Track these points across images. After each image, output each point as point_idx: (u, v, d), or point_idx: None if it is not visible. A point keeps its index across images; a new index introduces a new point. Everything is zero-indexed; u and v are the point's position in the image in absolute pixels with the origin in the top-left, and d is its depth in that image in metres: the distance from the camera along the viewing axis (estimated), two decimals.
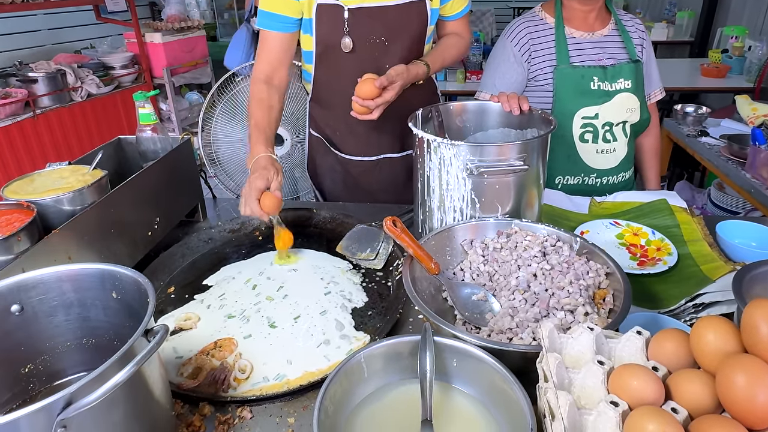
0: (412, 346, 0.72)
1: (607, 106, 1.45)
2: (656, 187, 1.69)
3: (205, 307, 0.98)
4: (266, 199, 1.04)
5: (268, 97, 1.24)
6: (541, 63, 1.47)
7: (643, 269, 1.04)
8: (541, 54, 1.47)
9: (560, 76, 1.44)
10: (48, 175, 0.99)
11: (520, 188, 1.05)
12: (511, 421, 0.63)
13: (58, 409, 0.46)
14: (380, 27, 1.26)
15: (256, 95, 1.25)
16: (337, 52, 1.28)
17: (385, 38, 1.27)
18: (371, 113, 1.18)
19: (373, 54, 1.28)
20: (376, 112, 1.18)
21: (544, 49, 1.47)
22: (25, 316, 0.64)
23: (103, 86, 3.55)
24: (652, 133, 1.64)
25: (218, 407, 0.76)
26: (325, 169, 1.51)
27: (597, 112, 1.45)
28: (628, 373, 0.51)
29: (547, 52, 1.47)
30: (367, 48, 1.27)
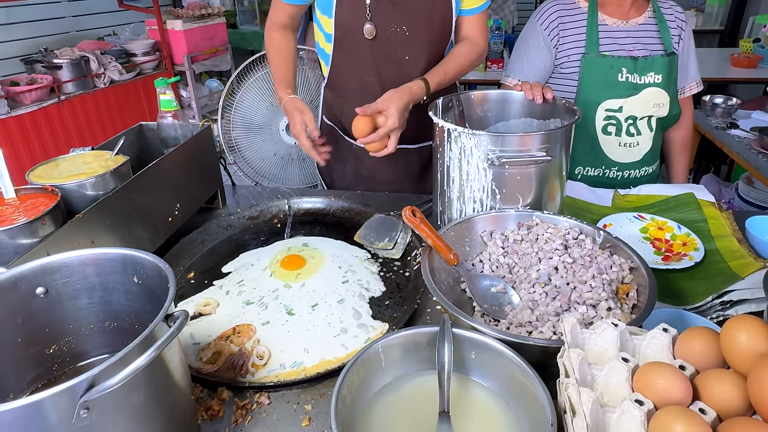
0: (430, 337, 0.71)
1: (633, 99, 1.41)
2: (683, 182, 1.64)
3: (224, 293, 0.98)
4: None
5: (286, 43, 1.35)
6: (569, 49, 1.42)
7: (668, 264, 1.02)
8: (570, 40, 1.43)
9: (587, 64, 1.39)
10: (72, 160, 1.00)
11: (542, 179, 1.03)
12: (530, 415, 0.62)
13: (81, 391, 0.46)
14: (402, 15, 1.23)
15: (274, 42, 1.35)
16: (357, 38, 1.26)
17: (406, 28, 1.24)
18: (386, 146, 1.15)
19: (393, 43, 1.26)
20: (390, 143, 1.15)
21: (573, 35, 1.42)
22: (50, 298, 0.65)
23: (125, 73, 3.58)
24: (683, 126, 1.58)
25: (236, 392, 0.76)
26: (338, 159, 1.48)
27: (621, 106, 1.41)
28: (654, 371, 0.49)
29: (576, 38, 1.42)
30: (387, 36, 1.25)
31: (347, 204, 1.27)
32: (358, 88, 1.34)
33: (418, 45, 1.27)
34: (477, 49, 1.33)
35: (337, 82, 1.39)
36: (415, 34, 1.26)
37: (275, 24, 1.35)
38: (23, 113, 2.89)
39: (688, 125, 1.60)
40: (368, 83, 1.32)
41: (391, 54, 1.28)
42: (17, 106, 2.91)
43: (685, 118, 1.56)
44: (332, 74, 1.38)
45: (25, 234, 0.76)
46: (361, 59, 1.30)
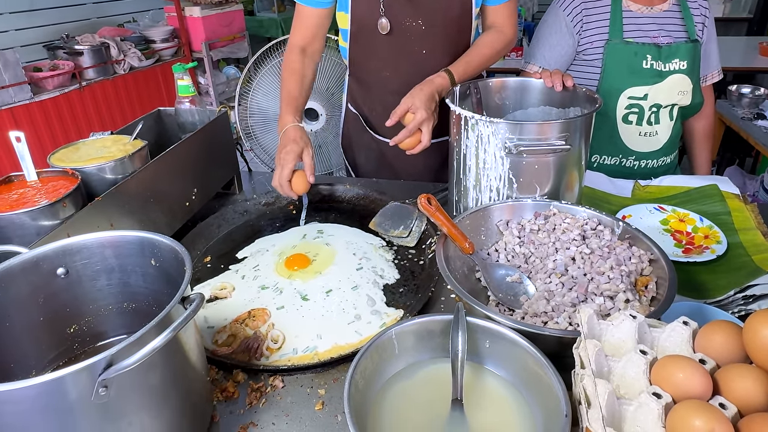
0: (444, 325, 0.71)
1: (659, 87, 1.37)
2: (706, 173, 1.60)
3: (240, 278, 0.99)
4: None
5: (302, 67, 1.25)
6: (593, 36, 1.39)
7: (688, 257, 0.99)
8: (593, 26, 1.39)
9: (611, 51, 1.36)
10: (91, 144, 1.01)
11: (561, 169, 1.01)
12: (544, 405, 0.62)
13: (100, 369, 0.47)
14: (417, 9, 1.21)
15: (289, 65, 1.26)
16: (373, 33, 1.24)
17: (422, 22, 1.22)
18: (420, 141, 1.12)
19: (409, 38, 1.24)
20: (424, 137, 1.12)
21: (597, 21, 1.39)
22: (70, 279, 0.67)
23: (145, 60, 3.61)
24: (705, 115, 1.54)
25: (251, 375, 0.77)
26: (361, 147, 1.48)
27: (646, 93, 1.38)
28: (673, 364, 0.48)
29: (600, 24, 1.39)
30: (403, 31, 1.23)
31: (362, 191, 1.27)
32: (376, 82, 1.33)
33: (436, 39, 1.25)
34: (503, 38, 1.28)
35: (358, 74, 1.38)
36: (432, 28, 1.23)
37: (295, 47, 1.28)
38: (46, 99, 2.95)
39: (711, 115, 1.56)
40: (385, 77, 1.31)
41: (407, 48, 1.26)
42: (40, 92, 2.96)
43: (707, 108, 1.53)
44: (352, 67, 1.38)
45: (47, 216, 0.77)
46: (377, 54, 1.28)
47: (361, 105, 1.43)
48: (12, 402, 0.46)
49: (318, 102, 2.07)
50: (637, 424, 0.47)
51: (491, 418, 0.64)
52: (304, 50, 1.28)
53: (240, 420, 0.70)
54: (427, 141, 1.13)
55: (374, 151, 1.46)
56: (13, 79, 2.77)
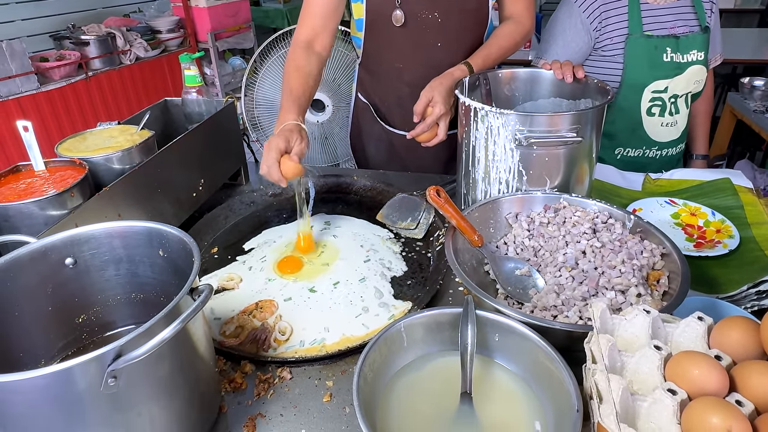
0: (453, 318, 0.70)
1: (678, 79, 1.37)
2: (704, 150, 1.64)
3: (247, 269, 0.99)
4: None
5: (307, 64, 1.16)
6: (612, 32, 1.37)
7: (700, 251, 0.98)
8: (612, 21, 1.37)
9: (633, 46, 1.34)
10: (99, 134, 1.01)
11: (571, 161, 1.00)
12: (554, 400, 0.61)
13: (109, 359, 0.47)
14: (433, 1, 1.19)
15: (293, 61, 1.16)
16: (388, 25, 1.22)
17: (438, 14, 1.20)
18: (436, 134, 1.13)
19: (425, 30, 1.22)
20: (440, 131, 1.13)
21: (615, 16, 1.37)
22: (79, 269, 0.66)
23: (150, 50, 3.60)
24: (706, 96, 1.57)
25: (259, 366, 0.77)
26: (371, 138, 1.47)
27: (667, 86, 1.37)
28: (689, 360, 0.48)
29: (619, 19, 1.37)
30: (418, 23, 1.21)
31: (370, 183, 1.26)
32: (389, 72, 1.31)
33: (451, 31, 1.23)
34: (521, 29, 1.26)
35: (370, 66, 1.37)
36: (448, 21, 1.21)
37: (300, 41, 1.19)
38: (52, 89, 2.94)
39: (710, 94, 1.60)
40: (398, 69, 1.29)
41: (422, 41, 1.24)
42: (47, 82, 2.96)
43: (708, 89, 1.55)
44: (365, 57, 1.36)
45: (54, 205, 0.77)
46: (391, 45, 1.26)
47: (372, 96, 1.42)
48: (21, 392, 0.46)
49: (325, 93, 2.06)
50: (651, 421, 0.46)
51: (501, 411, 0.64)
52: (310, 45, 1.19)
53: (248, 411, 0.70)
54: (443, 135, 1.13)
55: (384, 142, 1.44)
56: (19, 69, 2.76)
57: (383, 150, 1.45)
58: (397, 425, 0.62)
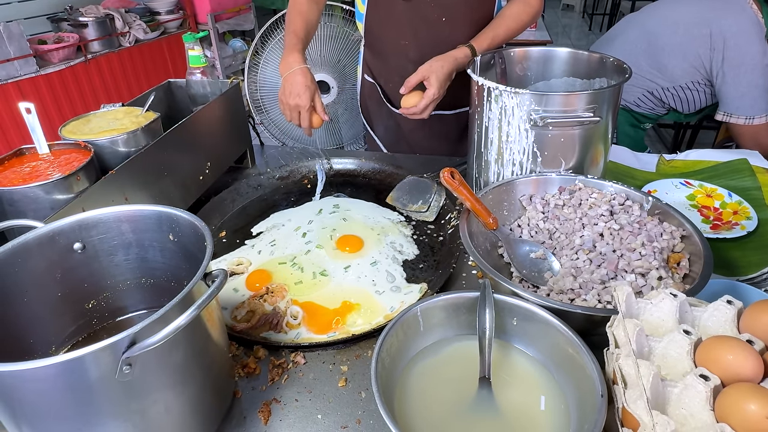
0: (470, 302, 0.69)
1: None
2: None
3: (256, 253, 0.98)
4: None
5: (309, 11, 1.21)
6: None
7: (717, 233, 0.97)
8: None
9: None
10: (102, 116, 0.99)
11: (587, 143, 0.98)
12: (576, 385, 0.60)
13: (124, 347, 0.46)
14: None
15: (296, 6, 1.22)
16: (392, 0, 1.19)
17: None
18: (422, 114, 1.13)
19: (429, 5, 1.19)
20: (422, 108, 1.12)
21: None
22: (87, 254, 0.65)
23: (150, 32, 3.54)
24: None
25: (272, 351, 0.76)
26: (379, 119, 1.44)
27: None
28: (721, 345, 0.46)
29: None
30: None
31: (378, 165, 1.24)
32: (393, 50, 1.28)
33: (457, 6, 1.19)
34: (530, 10, 1.22)
35: (374, 44, 1.33)
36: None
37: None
38: (52, 72, 2.90)
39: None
40: (403, 46, 1.26)
41: (427, 16, 1.20)
42: (46, 65, 2.92)
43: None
44: (367, 36, 1.33)
45: (60, 189, 0.75)
46: (395, 21, 1.23)
47: (377, 76, 1.39)
48: (33, 381, 0.45)
49: (329, 74, 2.02)
50: (682, 407, 0.45)
51: (520, 396, 0.63)
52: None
53: (262, 396, 0.69)
54: (425, 114, 1.13)
55: (392, 124, 1.42)
56: (18, 52, 2.72)
57: (392, 131, 1.43)
58: (415, 410, 0.61)
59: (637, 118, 1.76)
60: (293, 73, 1.10)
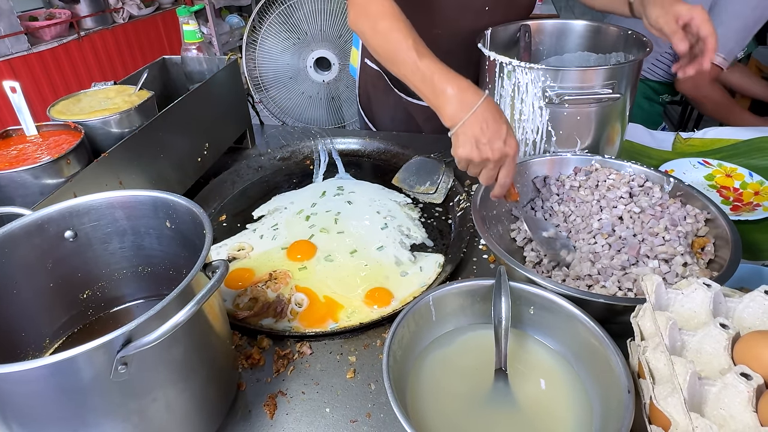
0: (484, 290, 0.65)
1: None
2: None
3: (258, 237, 0.94)
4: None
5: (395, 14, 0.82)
6: None
7: (738, 215, 0.92)
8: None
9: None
10: (93, 95, 0.94)
11: (603, 121, 0.93)
12: (598, 378, 0.57)
13: (118, 346, 0.42)
14: None
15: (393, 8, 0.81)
16: None
17: None
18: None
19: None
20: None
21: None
22: (80, 242, 0.61)
23: (144, 8, 3.44)
24: None
25: (277, 341, 0.73)
26: (385, 107, 1.32)
27: None
28: (765, 341, 0.43)
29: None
30: None
31: (384, 145, 1.19)
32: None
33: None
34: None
35: None
36: None
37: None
38: (44, 49, 2.82)
39: None
40: (435, 35, 1.04)
41: (469, 4, 1.06)
42: (37, 43, 2.83)
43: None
44: None
45: (50, 174, 0.71)
46: (429, 7, 1.05)
47: None
48: (23, 382, 0.41)
49: (330, 50, 1.95)
50: (720, 407, 0.42)
51: (539, 390, 0.60)
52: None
53: (268, 389, 0.66)
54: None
55: (401, 114, 1.30)
56: (8, 29, 2.63)
57: (400, 122, 1.32)
58: (428, 404, 0.58)
59: (655, 89, 1.69)
60: (489, 102, 0.72)
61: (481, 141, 0.70)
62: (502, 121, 0.72)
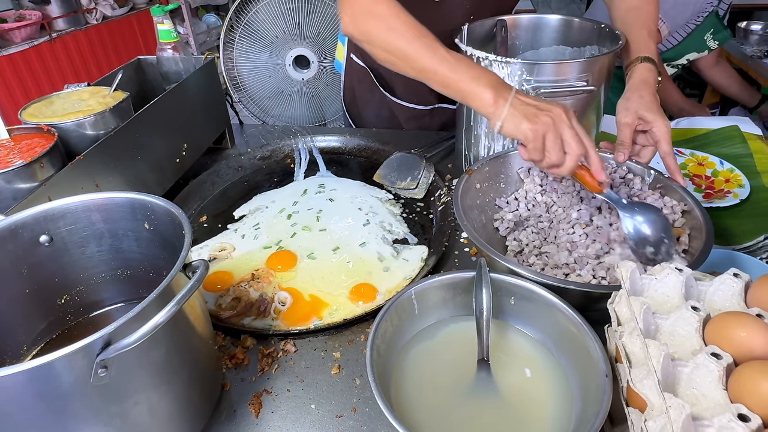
0: (465, 282, 0.66)
1: None
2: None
3: (240, 237, 0.94)
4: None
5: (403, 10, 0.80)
6: None
7: (710, 202, 0.95)
8: None
9: None
10: (67, 97, 0.92)
11: (579, 113, 0.93)
12: (577, 364, 0.58)
13: (97, 349, 0.42)
14: None
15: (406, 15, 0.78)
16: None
17: None
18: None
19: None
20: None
21: None
22: (56, 246, 0.60)
23: (118, 8, 3.37)
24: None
25: (261, 340, 0.73)
26: (370, 105, 1.31)
27: None
28: (733, 322, 0.44)
29: None
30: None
31: (364, 142, 1.20)
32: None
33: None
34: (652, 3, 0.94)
35: None
36: None
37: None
38: (14, 52, 2.75)
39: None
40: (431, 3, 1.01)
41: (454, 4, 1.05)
42: (7, 45, 2.76)
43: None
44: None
45: (23, 178, 0.69)
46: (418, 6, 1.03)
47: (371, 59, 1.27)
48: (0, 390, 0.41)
49: (309, 48, 1.94)
50: (693, 387, 0.43)
51: (521, 378, 0.61)
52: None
53: (252, 388, 0.66)
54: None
55: (385, 112, 1.30)
56: None
57: (384, 119, 1.31)
58: (413, 396, 0.59)
59: None
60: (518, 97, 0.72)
61: (539, 104, 0.69)
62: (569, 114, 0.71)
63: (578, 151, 0.68)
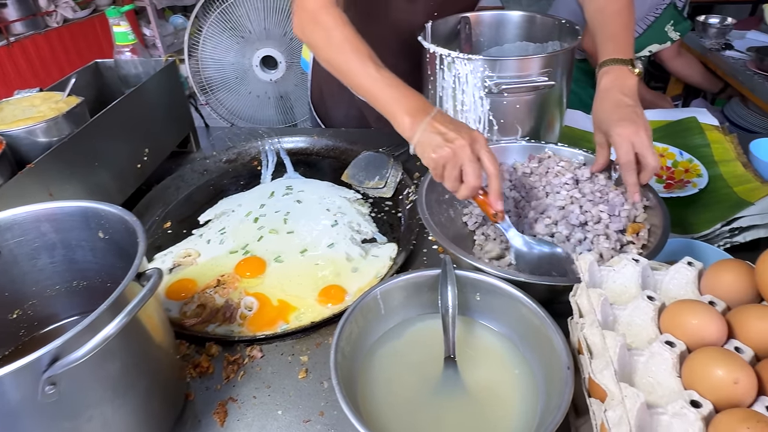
0: (431, 280, 0.66)
1: None
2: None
3: (205, 242, 0.92)
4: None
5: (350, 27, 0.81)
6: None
7: (671, 192, 0.97)
8: None
9: None
10: (17, 103, 0.89)
11: (542, 108, 0.96)
12: (542, 357, 0.59)
13: (44, 365, 0.40)
14: None
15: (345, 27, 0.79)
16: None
17: None
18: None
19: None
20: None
21: None
22: (4, 260, 0.58)
23: (79, 10, 3.28)
24: None
25: (226, 347, 0.72)
26: (339, 104, 1.29)
27: None
28: (685, 310, 0.45)
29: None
30: None
31: (332, 142, 1.19)
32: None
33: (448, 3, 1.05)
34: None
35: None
36: None
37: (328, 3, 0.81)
38: None
39: None
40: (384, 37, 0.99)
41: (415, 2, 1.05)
42: None
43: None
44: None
45: None
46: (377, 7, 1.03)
47: None
48: None
49: (276, 49, 1.92)
50: (649, 375, 0.44)
51: (487, 373, 0.61)
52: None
53: (217, 396, 0.65)
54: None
55: (354, 112, 1.28)
56: None
57: (353, 119, 1.30)
58: (380, 397, 0.58)
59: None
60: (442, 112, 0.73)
61: (447, 133, 0.69)
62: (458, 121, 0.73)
63: (473, 184, 0.69)
